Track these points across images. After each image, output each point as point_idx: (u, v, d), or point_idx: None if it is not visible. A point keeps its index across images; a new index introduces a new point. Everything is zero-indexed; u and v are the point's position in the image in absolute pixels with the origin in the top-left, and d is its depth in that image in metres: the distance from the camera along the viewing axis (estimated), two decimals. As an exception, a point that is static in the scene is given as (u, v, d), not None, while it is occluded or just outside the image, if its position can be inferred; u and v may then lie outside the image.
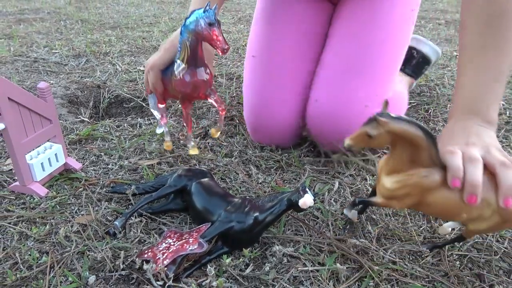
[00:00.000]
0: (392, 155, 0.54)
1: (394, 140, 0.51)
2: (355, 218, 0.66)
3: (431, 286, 0.59)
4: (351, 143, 0.53)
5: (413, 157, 0.52)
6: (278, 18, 0.90)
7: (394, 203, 0.56)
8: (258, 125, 0.91)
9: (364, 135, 0.51)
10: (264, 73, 0.89)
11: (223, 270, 0.59)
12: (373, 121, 0.50)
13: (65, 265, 0.59)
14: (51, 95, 0.74)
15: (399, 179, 0.54)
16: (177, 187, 0.69)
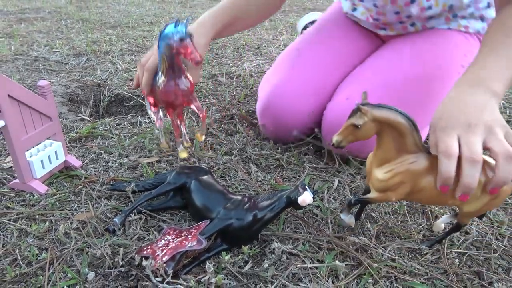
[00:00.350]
0: (379, 147, 0.55)
1: (379, 129, 0.53)
2: (352, 223, 0.64)
3: (430, 283, 0.59)
4: (339, 137, 0.54)
5: (399, 145, 0.53)
6: (332, 34, 1.02)
7: (390, 195, 0.57)
8: (272, 103, 0.91)
9: (350, 127, 0.53)
10: (300, 64, 0.95)
11: (222, 267, 0.59)
12: (356, 112, 0.52)
13: (64, 261, 0.59)
14: (51, 93, 0.75)
15: (390, 168, 0.55)
16: (176, 185, 0.69)
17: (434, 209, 0.76)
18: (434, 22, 0.92)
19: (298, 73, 0.94)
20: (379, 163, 0.57)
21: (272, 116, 0.91)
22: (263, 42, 1.92)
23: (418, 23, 0.93)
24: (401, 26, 0.95)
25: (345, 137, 0.55)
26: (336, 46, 0.99)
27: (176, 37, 0.68)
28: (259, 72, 1.46)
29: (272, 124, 0.92)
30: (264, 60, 1.62)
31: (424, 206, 0.76)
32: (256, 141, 0.96)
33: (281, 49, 1.80)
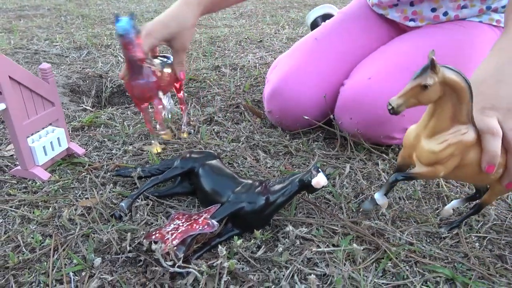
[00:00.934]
0: (434, 114, 0.49)
1: (442, 94, 0.47)
2: (386, 205, 0.58)
3: (451, 267, 0.57)
4: (401, 100, 0.47)
5: (455, 113, 0.48)
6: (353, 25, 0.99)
7: (439, 169, 0.51)
8: (282, 89, 0.88)
9: (417, 88, 0.46)
10: (316, 53, 0.93)
11: (234, 251, 0.57)
12: (426, 70, 0.46)
13: (69, 247, 0.57)
14: (53, 77, 0.72)
15: (444, 139, 0.49)
16: (184, 169, 0.67)
17: (449, 194, 0.73)
18: (467, 12, 0.89)
19: (313, 62, 0.91)
20: (431, 133, 0.51)
21: (281, 102, 0.88)
22: (266, 36, 1.89)
23: (450, 11, 0.89)
24: (433, 15, 0.91)
25: (407, 99, 0.47)
26: (355, 37, 0.96)
27: (117, 32, 0.65)
28: (263, 63, 1.43)
29: (279, 111, 0.89)
30: (267, 53, 1.59)
31: (439, 191, 0.74)
32: (263, 129, 0.94)
33: (284, 42, 1.78)
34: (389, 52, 0.88)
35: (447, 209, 0.64)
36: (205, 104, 1.07)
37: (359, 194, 0.72)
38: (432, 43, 0.86)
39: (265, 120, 0.99)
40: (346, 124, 0.84)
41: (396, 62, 0.83)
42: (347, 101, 0.83)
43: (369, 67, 0.85)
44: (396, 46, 0.89)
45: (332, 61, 0.91)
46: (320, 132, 0.92)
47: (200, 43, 1.70)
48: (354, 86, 0.83)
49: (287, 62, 0.93)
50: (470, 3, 0.88)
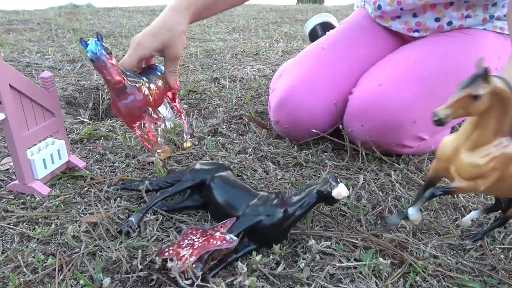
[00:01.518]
0: (478, 126, 0.47)
1: (490, 104, 0.44)
2: (419, 220, 0.54)
3: (480, 280, 0.54)
4: (448, 111, 0.44)
5: (499, 125, 0.46)
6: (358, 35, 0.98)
7: (480, 183, 0.48)
8: (291, 99, 0.86)
9: (466, 98, 0.43)
10: (325, 62, 0.92)
11: (253, 268, 0.53)
12: (476, 79, 0.43)
13: (75, 267, 0.52)
14: (54, 86, 0.69)
15: (487, 152, 0.47)
16: (195, 181, 0.63)
17: (467, 205, 0.71)
18: (471, 21, 0.89)
19: (321, 71, 0.89)
20: (474, 146, 0.48)
21: (289, 111, 0.86)
22: (261, 49, 1.89)
23: (455, 21, 0.89)
24: (437, 25, 0.91)
25: (455, 110, 0.44)
26: (361, 46, 0.95)
27: (88, 56, 0.60)
28: (261, 75, 1.42)
29: (287, 121, 0.87)
30: (265, 65, 1.58)
31: (455, 201, 0.72)
32: (270, 140, 0.91)
33: (279, 55, 1.77)
34: (398, 59, 0.87)
35: (465, 220, 0.61)
36: (207, 115, 1.05)
37: (376, 205, 0.69)
38: (441, 49, 0.85)
39: (271, 131, 0.96)
40: (357, 131, 0.82)
41: (406, 69, 0.82)
42: (357, 108, 0.81)
43: (379, 74, 0.84)
44: (404, 53, 0.88)
45: (340, 70, 0.90)
46: (328, 142, 0.90)
47: (196, 55, 1.68)
48: (365, 93, 0.81)
49: (294, 71, 0.91)
50: (473, 13, 0.89)
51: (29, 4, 4.20)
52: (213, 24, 2.63)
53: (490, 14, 0.89)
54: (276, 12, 3.35)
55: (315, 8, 3.86)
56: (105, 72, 0.61)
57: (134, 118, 0.69)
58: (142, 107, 0.69)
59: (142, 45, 0.70)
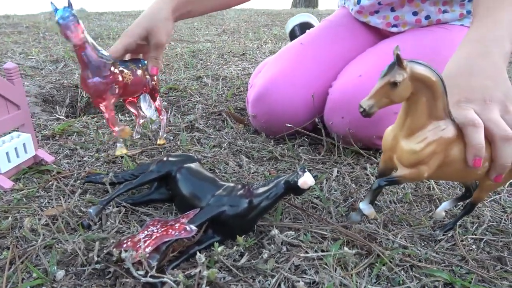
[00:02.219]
0: (409, 113, 0.47)
1: (414, 90, 0.45)
2: (373, 214, 0.54)
3: (449, 270, 0.53)
4: (372, 101, 0.45)
5: (431, 109, 0.46)
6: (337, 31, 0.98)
7: (423, 169, 0.48)
8: (269, 92, 0.85)
9: (386, 86, 0.44)
10: (303, 56, 0.91)
11: (215, 260, 0.51)
12: (393, 67, 0.44)
13: (28, 260, 0.50)
14: (19, 78, 0.67)
15: (423, 137, 0.47)
16: (160, 173, 0.62)
17: (442, 196, 0.70)
18: (448, 16, 0.90)
19: (300, 65, 0.89)
20: (409, 133, 0.48)
21: (267, 105, 0.85)
22: (248, 49, 1.88)
23: (433, 15, 0.89)
24: (415, 19, 0.91)
25: (379, 100, 0.45)
26: (341, 42, 0.95)
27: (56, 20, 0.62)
28: (245, 74, 1.41)
29: (264, 115, 0.86)
30: (250, 65, 1.57)
31: (430, 194, 0.71)
32: (246, 135, 0.90)
33: (266, 55, 1.77)
34: (377, 52, 0.87)
35: (439, 212, 0.60)
36: (185, 112, 1.03)
37: (348, 197, 0.68)
38: (419, 41, 0.86)
39: (248, 126, 0.95)
40: (337, 124, 0.80)
41: (386, 60, 0.81)
42: (338, 101, 0.80)
43: (359, 66, 0.84)
44: (384, 46, 0.88)
45: (319, 65, 0.89)
46: (305, 137, 0.89)
47: (182, 55, 1.67)
48: (345, 84, 0.80)
49: (273, 66, 0.91)
50: (450, 8, 0.89)
51: (21, 9, 4.20)
52: (203, 27, 2.63)
53: (467, 9, 0.89)
54: (267, 15, 3.35)
55: (308, 12, 3.87)
56: (68, 35, 0.63)
57: (100, 94, 0.69)
58: (108, 84, 0.69)
59: (127, 33, 0.74)
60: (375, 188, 0.51)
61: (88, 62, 0.67)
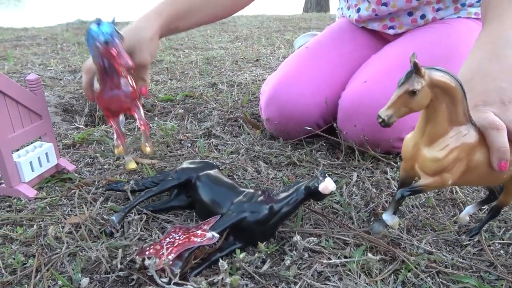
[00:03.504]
0: (429, 120, 0.46)
1: (433, 97, 0.44)
2: (397, 224, 0.54)
3: (477, 276, 0.51)
4: (391, 111, 0.44)
5: (451, 115, 0.45)
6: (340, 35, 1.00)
7: (446, 177, 0.47)
8: (279, 94, 0.86)
9: (404, 95, 0.43)
10: (309, 58, 0.93)
11: (237, 267, 0.51)
12: (411, 75, 0.43)
13: (54, 267, 0.51)
14: (41, 89, 0.69)
15: (445, 144, 0.46)
16: (180, 180, 0.62)
17: (465, 200, 0.68)
18: (443, 13, 0.91)
19: (307, 66, 0.90)
20: (431, 141, 0.47)
21: (278, 107, 0.86)
22: (262, 55, 1.89)
23: (428, 14, 0.90)
24: (410, 19, 0.92)
25: (397, 109, 0.44)
26: (344, 44, 0.97)
27: (101, 39, 0.58)
28: (260, 80, 1.41)
29: (277, 117, 0.86)
30: (264, 70, 1.58)
31: (453, 197, 0.69)
32: (263, 141, 0.90)
33: (280, 60, 1.77)
34: (381, 57, 0.87)
35: (463, 217, 0.58)
36: (202, 119, 1.04)
37: (369, 202, 0.67)
38: (422, 40, 0.86)
39: (264, 132, 0.95)
40: (351, 133, 0.80)
41: (390, 63, 0.82)
42: (347, 109, 0.80)
43: (363, 73, 0.84)
44: (386, 51, 0.89)
45: (325, 66, 0.91)
46: (323, 141, 0.88)
47: (196, 63, 1.69)
48: (351, 92, 0.81)
49: (281, 70, 0.93)
50: (444, 5, 0.90)
51: (39, 21, 4.31)
52: (216, 34, 2.65)
53: (461, 3, 0.90)
54: (280, 21, 3.36)
55: (320, 17, 3.86)
56: (117, 56, 0.59)
57: (122, 110, 0.68)
58: (133, 100, 0.68)
59: None
60: (398, 198, 0.51)
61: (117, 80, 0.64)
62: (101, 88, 0.65)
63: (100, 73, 0.64)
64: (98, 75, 0.64)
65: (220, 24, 3.10)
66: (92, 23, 0.59)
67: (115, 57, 0.60)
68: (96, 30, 0.58)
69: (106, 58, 0.61)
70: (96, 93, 0.67)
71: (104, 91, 0.65)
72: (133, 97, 0.67)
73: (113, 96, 0.66)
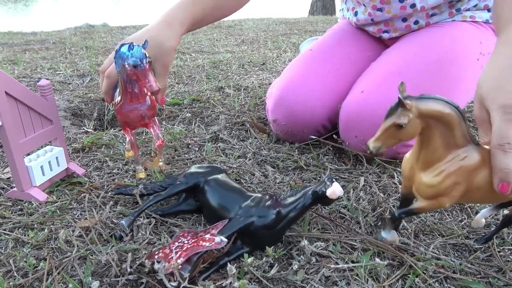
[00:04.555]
0: (423, 146, 0.46)
1: (425, 125, 0.44)
2: (396, 240, 0.56)
3: (486, 282, 0.51)
4: (378, 143, 0.45)
5: (448, 140, 0.45)
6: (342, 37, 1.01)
7: (443, 201, 0.47)
8: (286, 96, 0.87)
9: (391, 128, 0.43)
10: (314, 61, 0.94)
11: (245, 271, 0.52)
12: (396, 108, 0.43)
13: (65, 270, 0.52)
14: (52, 94, 0.70)
15: (440, 170, 0.46)
16: (189, 185, 0.63)
17: (474, 205, 0.68)
18: (438, 18, 0.90)
19: (312, 68, 0.91)
20: (425, 166, 0.47)
21: (285, 109, 0.86)
22: (268, 59, 1.89)
23: (421, 20, 0.91)
24: (404, 25, 0.93)
25: (385, 141, 0.45)
26: (346, 44, 0.99)
27: (130, 61, 0.60)
28: (266, 84, 1.42)
29: (284, 118, 0.87)
30: (271, 74, 1.58)
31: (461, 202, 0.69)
32: (270, 145, 0.90)
33: (286, 64, 1.77)
34: (377, 65, 0.88)
35: (478, 219, 0.57)
36: (209, 123, 1.04)
37: (376, 207, 0.67)
38: (417, 45, 0.86)
39: (272, 136, 0.95)
40: (353, 143, 0.81)
41: (385, 70, 0.83)
42: (346, 121, 0.81)
43: (361, 83, 0.85)
44: (384, 59, 0.89)
45: (329, 66, 0.92)
46: (330, 146, 0.88)
47: (203, 67, 1.70)
48: (350, 103, 0.81)
49: (287, 73, 0.93)
50: (439, 11, 0.90)
51: (47, 25, 4.37)
52: (222, 38, 2.66)
53: (456, 8, 0.89)
54: (286, 24, 3.37)
55: (326, 20, 3.87)
56: (145, 79, 0.61)
57: (140, 125, 0.71)
58: (152, 116, 0.70)
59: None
60: (391, 219, 0.52)
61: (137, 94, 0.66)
62: (122, 101, 0.67)
63: (123, 87, 0.65)
64: (120, 87, 0.66)
65: (227, 27, 3.11)
66: (123, 45, 0.61)
67: (141, 80, 0.62)
68: (126, 52, 0.60)
69: (132, 78, 0.63)
70: (116, 105, 0.69)
71: (124, 104, 0.67)
72: (152, 114, 0.70)
73: (132, 111, 0.68)
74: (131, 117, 0.69)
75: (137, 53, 0.60)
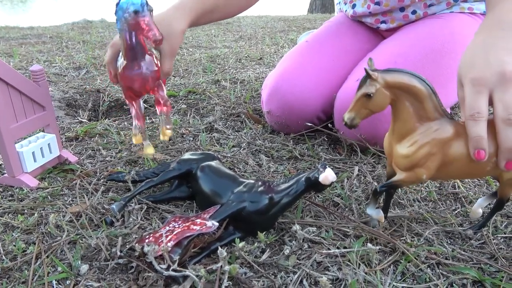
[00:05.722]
0: (396, 118, 0.49)
1: (394, 97, 0.47)
2: (382, 219, 0.56)
3: (478, 268, 0.51)
4: (351, 114, 0.48)
5: (419, 112, 0.47)
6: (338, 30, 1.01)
7: (420, 172, 0.49)
8: (281, 87, 0.87)
9: (362, 98, 0.47)
10: (309, 52, 0.94)
11: (236, 256, 0.51)
12: (365, 80, 0.46)
13: (54, 254, 0.51)
14: (45, 80, 0.69)
15: (413, 140, 0.48)
16: (181, 171, 0.62)
17: (467, 194, 0.68)
18: (435, 8, 0.90)
19: (307, 60, 0.91)
20: (400, 138, 0.49)
21: (280, 100, 0.86)
22: (265, 54, 1.89)
23: (419, 10, 0.90)
24: (402, 15, 0.92)
25: (358, 111, 0.48)
26: (342, 37, 0.99)
27: (130, 9, 0.57)
28: (263, 77, 1.41)
29: (278, 109, 0.87)
30: (268, 68, 1.58)
31: (455, 192, 0.69)
32: (265, 135, 0.90)
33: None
34: (373, 55, 0.87)
35: (475, 210, 0.57)
36: (204, 114, 1.04)
37: (370, 195, 0.67)
38: (415, 35, 0.85)
39: (266, 127, 0.95)
40: (347, 132, 0.80)
41: (381, 60, 0.82)
42: (342, 109, 0.80)
43: (357, 72, 0.85)
44: (381, 49, 0.89)
45: (325, 58, 0.91)
46: (325, 136, 0.88)
47: (200, 61, 1.69)
48: (345, 92, 0.81)
49: (282, 64, 0.93)
50: (437, 1, 0.89)
51: (45, 21, 4.35)
52: (220, 33, 2.66)
53: None
54: (284, 21, 3.37)
55: (324, 17, 3.86)
56: (147, 27, 0.58)
57: (144, 91, 0.67)
58: (156, 79, 0.66)
59: None
60: (373, 193, 0.53)
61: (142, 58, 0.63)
62: (126, 65, 0.64)
63: (126, 49, 0.62)
64: (123, 51, 0.63)
65: (225, 23, 3.10)
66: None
67: (143, 29, 0.58)
68: (127, 1, 0.58)
69: (134, 30, 0.59)
70: (120, 71, 0.65)
71: (128, 68, 0.64)
72: (157, 76, 0.66)
73: (137, 74, 0.64)
74: (136, 81, 0.65)
75: (137, 0, 0.58)
